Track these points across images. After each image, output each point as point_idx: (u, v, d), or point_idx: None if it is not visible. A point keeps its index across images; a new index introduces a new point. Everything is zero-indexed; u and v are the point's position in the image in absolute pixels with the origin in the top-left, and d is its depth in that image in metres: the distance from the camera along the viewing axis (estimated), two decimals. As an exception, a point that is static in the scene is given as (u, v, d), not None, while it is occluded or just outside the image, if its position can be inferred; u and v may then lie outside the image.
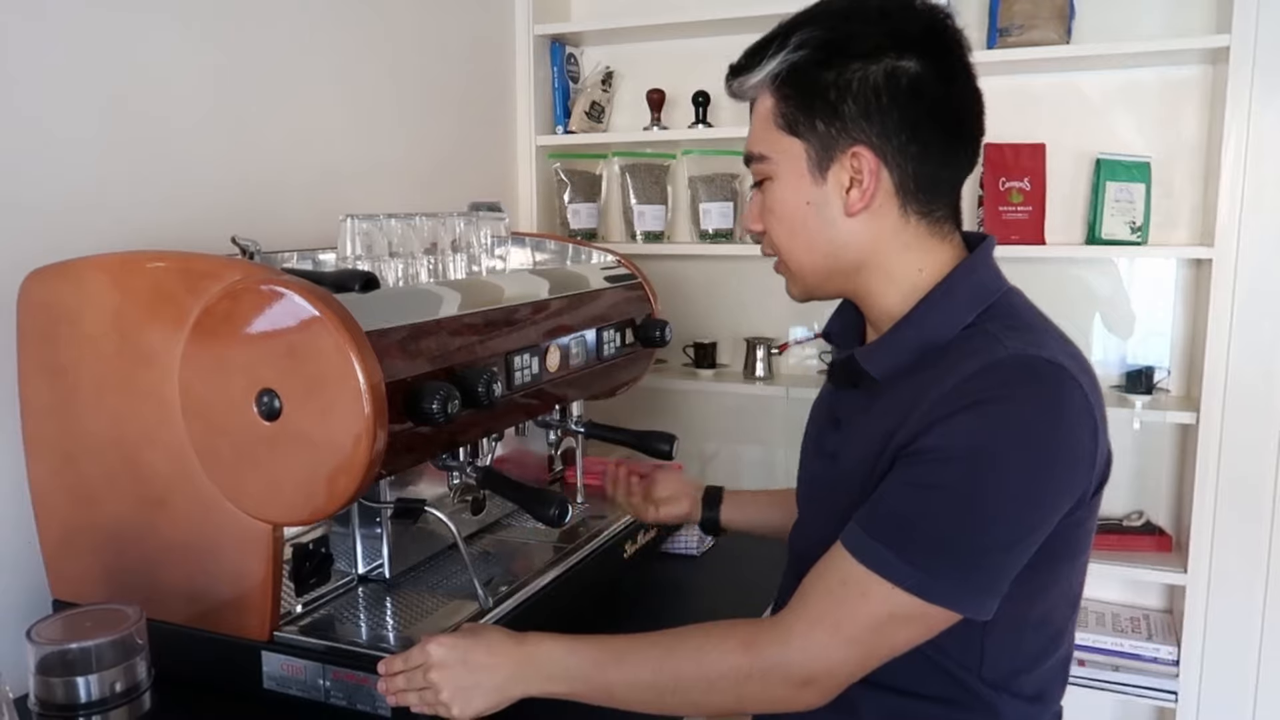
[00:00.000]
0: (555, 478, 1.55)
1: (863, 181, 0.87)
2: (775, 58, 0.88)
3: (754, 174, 0.94)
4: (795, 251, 0.94)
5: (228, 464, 0.98)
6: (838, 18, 0.88)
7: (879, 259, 0.91)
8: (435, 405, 0.95)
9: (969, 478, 0.80)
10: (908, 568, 0.80)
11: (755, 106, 0.93)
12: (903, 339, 0.90)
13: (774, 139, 0.90)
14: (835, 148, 0.87)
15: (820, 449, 1.02)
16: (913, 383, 0.87)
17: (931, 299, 0.90)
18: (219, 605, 1.04)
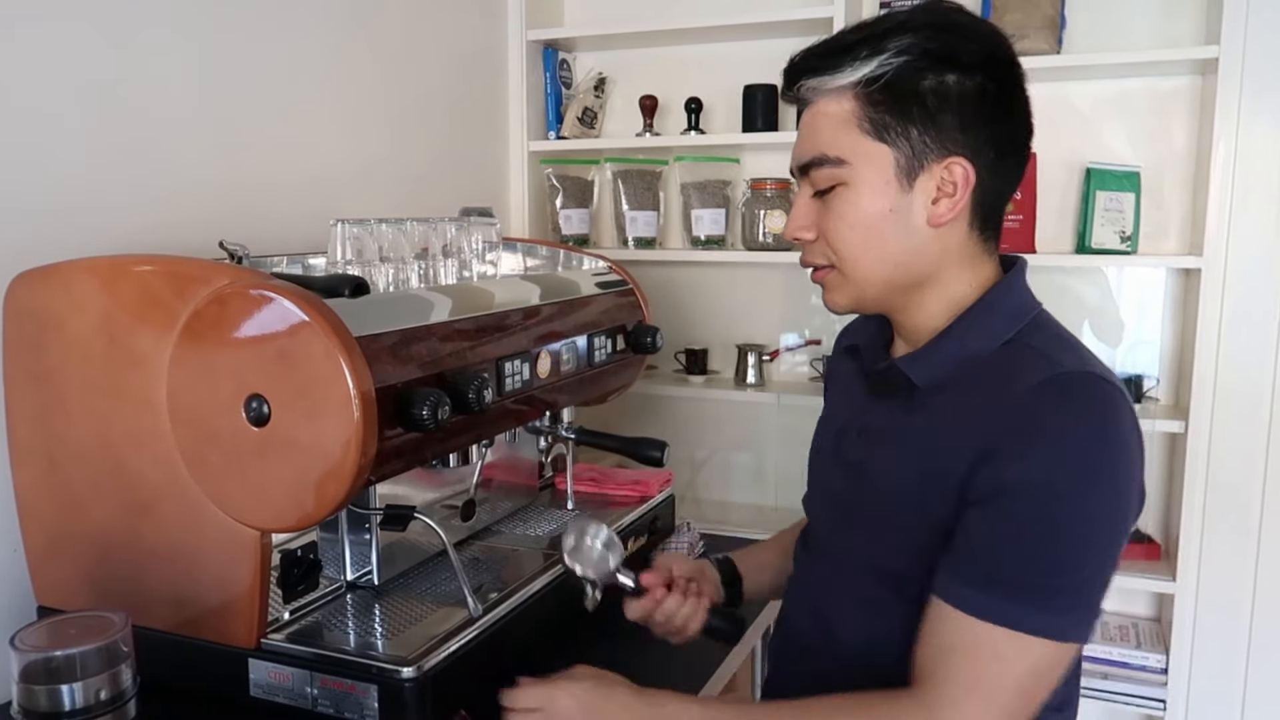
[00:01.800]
0: (545, 484, 1.55)
1: (954, 193, 0.87)
2: (870, 61, 0.85)
3: (815, 180, 0.91)
4: (864, 261, 0.91)
5: (215, 470, 0.97)
6: (936, 29, 0.86)
7: (942, 273, 0.91)
8: (425, 411, 0.94)
9: (1067, 508, 0.80)
10: (1039, 615, 0.80)
11: (817, 108, 0.90)
12: (945, 351, 0.91)
13: (855, 143, 0.87)
14: (928, 157, 0.87)
15: (841, 458, 1.01)
16: (962, 397, 0.88)
17: (974, 313, 0.91)
18: (206, 612, 1.03)
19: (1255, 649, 1.90)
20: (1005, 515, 0.81)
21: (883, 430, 0.95)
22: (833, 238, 0.91)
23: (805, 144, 0.91)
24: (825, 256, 0.93)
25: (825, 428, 1.10)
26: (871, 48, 0.86)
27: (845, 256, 0.91)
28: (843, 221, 0.90)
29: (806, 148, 0.91)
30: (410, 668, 0.97)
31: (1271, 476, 1.85)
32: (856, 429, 0.99)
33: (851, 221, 0.89)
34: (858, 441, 0.98)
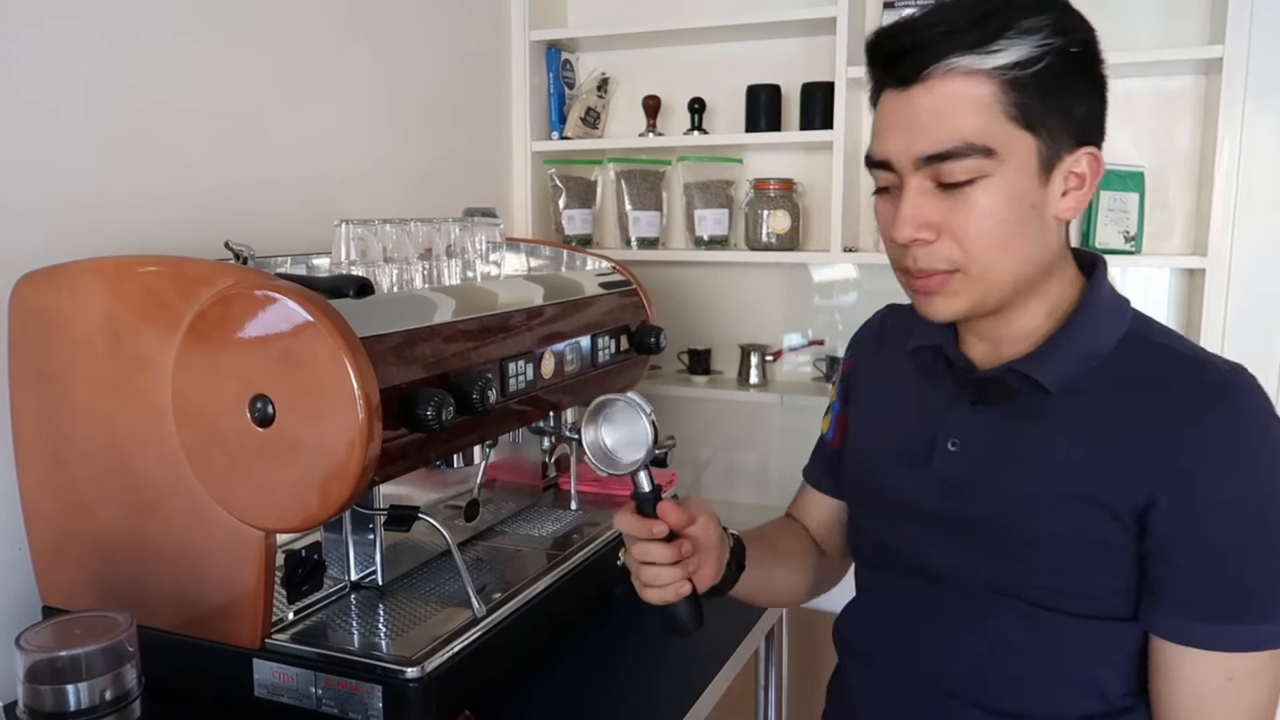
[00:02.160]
0: (549, 484, 1.55)
1: (1081, 186, 0.83)
2: (1019, 41, 0.78)
3: (948, 172, 0.80)
4: (1003, 262, 0.82)
5: (220, 470, 0.97)
6: (1060, 10, 0.80)
7: (1050, 271, 0.87)
8: (430, 412, 0.94)
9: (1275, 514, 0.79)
10: (1273, 625, 0.79)
11: (945, 90, 0.79)
12: (1068, 351, 0.86)
13: (1003, 132, 0.79)
14: (1063, 147, 0.81)
15: (932, 471, 0.92)
16: (1104, 401, 0.84)
17: (1088, 309, 0.87)
18: (210, 612, 1.03)
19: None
20: (1226, 540, 0.79)
21: (1001, 443, 0.88)
22: (969, 236, 0.81)
23: (934, 131, 0.80)
24: (948, 260, 0.82)
25: (883, 436, 0.99)
26: (1014, 25, 0.78)
27: (980, 258, 0.82)
28: (987, 219, 0.80)
29: (938, 135, 0.80)
30: (414, 668, 0.98)
31: (1276, 477, 1.85)
32: (949, 441, 0.91)
33: (1000, 217, 0.80)
34: (958, 455, 0.90)
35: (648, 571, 0.89)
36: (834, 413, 1.11)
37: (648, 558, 0.88)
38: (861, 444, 1.04)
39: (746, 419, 2.29)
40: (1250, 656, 0.79)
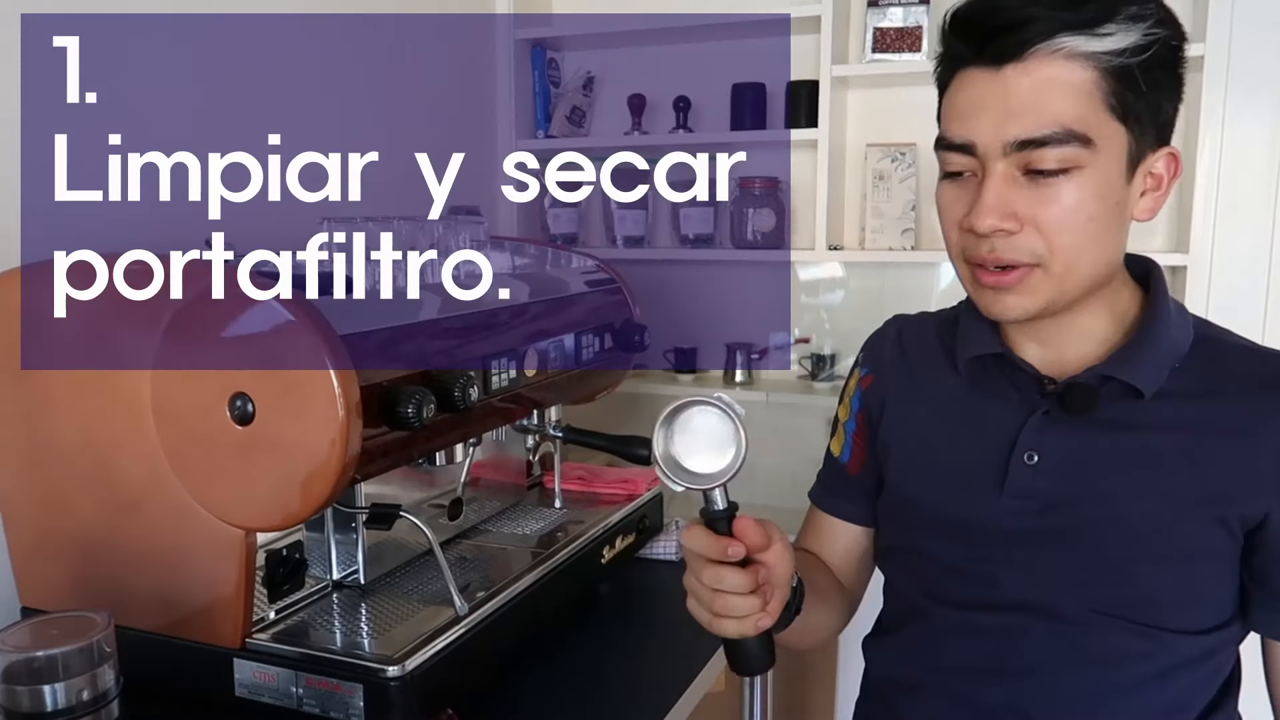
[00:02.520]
0: (534, 483, 1.55)
1: (1159, 187, 0.80)
2: (1130, 27, 0.73)
3: (1041, 159, 0.75)
4: (1086, 258, 0.78)
5: (200, 469, 0.97)
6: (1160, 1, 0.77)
7: (1116, 273, 0.84)
8: (411, 409, 0.94)
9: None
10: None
11: (1045, 73, 0.74)
12: (1156, 351, 0.83)
13: (1101, 121, 0.74)
14: (1148, 145, 0.78)
15: (1010, 488, 0.86)
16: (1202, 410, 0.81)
17: (1162, 311, 0.84)
18: (190, 612, 1.02)
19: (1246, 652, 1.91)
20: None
21: (1092, 453, 0.83)
22: (1057, 229, 0.76)
23: (1030, 115, 0.74)
24: (1032, 253, 0.77)
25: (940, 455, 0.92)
26: (1122, 10, 0.74)
27: (1064, 254, 0.77)
28: (1078, 211, 0.76)
29: (1034, 120, 0.74)
30: (395, 666, 0.97)
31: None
32: (1026, 454, 0.85)
33: (1090, 212, 0.76)
34: (1040, 469, 0.84)
35: (721, 601, 0.77)
36: (849, 432, 1.03)
37: (722, 585, 0.77)
38: (909, 466, 0.95)
39: (732, 417, 2.29)
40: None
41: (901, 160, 2.00)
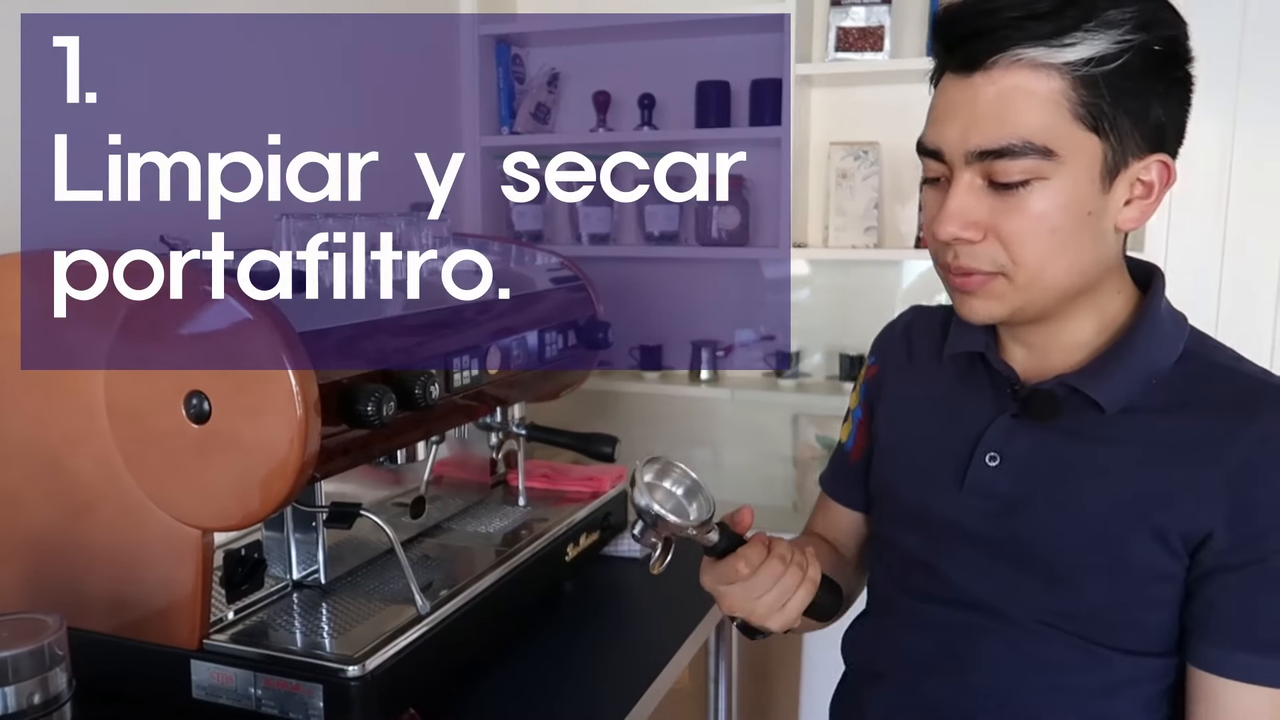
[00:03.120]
0: (497, 481, 1.54)
1: (1148, 195, 0.78)
2: (1097, 35, 0.72)
3: (1002, 170, 0.74)
4: (1051, 270, 0.77)
5: (156, 468, 0.96)
6: (1150, 1, 0.74)
7: (1104, 281, 0.81)
8: (370, 407, 0.93)
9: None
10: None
11: (1011, 83, 0.73)
12: (1129, 367, 0.81)
13: (1067, 133, 0.73)
14: (1132, 153, 0.76)
15: (976, 488, 0.86)
16: (1166, 426, 0.79)
17: (1148, 324, 0.82)
18: (147, 613, 1.01)
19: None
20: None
21: (1050, 460, 0.83)
22: (1018, 241, 0.76)
23: (992, 125, 0.74)
24: (993, 261, 0.77)
25: (917, 446, 0.93)
26: (1095, 17, 0.72)
27: (1029, 263, 0.76)
28: (1041, 223, 0.75)
29: (995, 130, 0.74)
30: (356, 666, 0.96)
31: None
32: (988, 455, 0.86)
33: (1054, 224, 0.75)
34: (999, 471, 0.85)
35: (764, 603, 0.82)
36: (854, 420, 1.05)
37: (755, 594, 0.82)
38: (891, 456, 0.97)
39: (698, 414, 2.30)
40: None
41: (864, 159, 2.01)
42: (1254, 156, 1.83)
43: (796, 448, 2.22)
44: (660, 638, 1.28)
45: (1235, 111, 1.82)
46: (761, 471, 2.27)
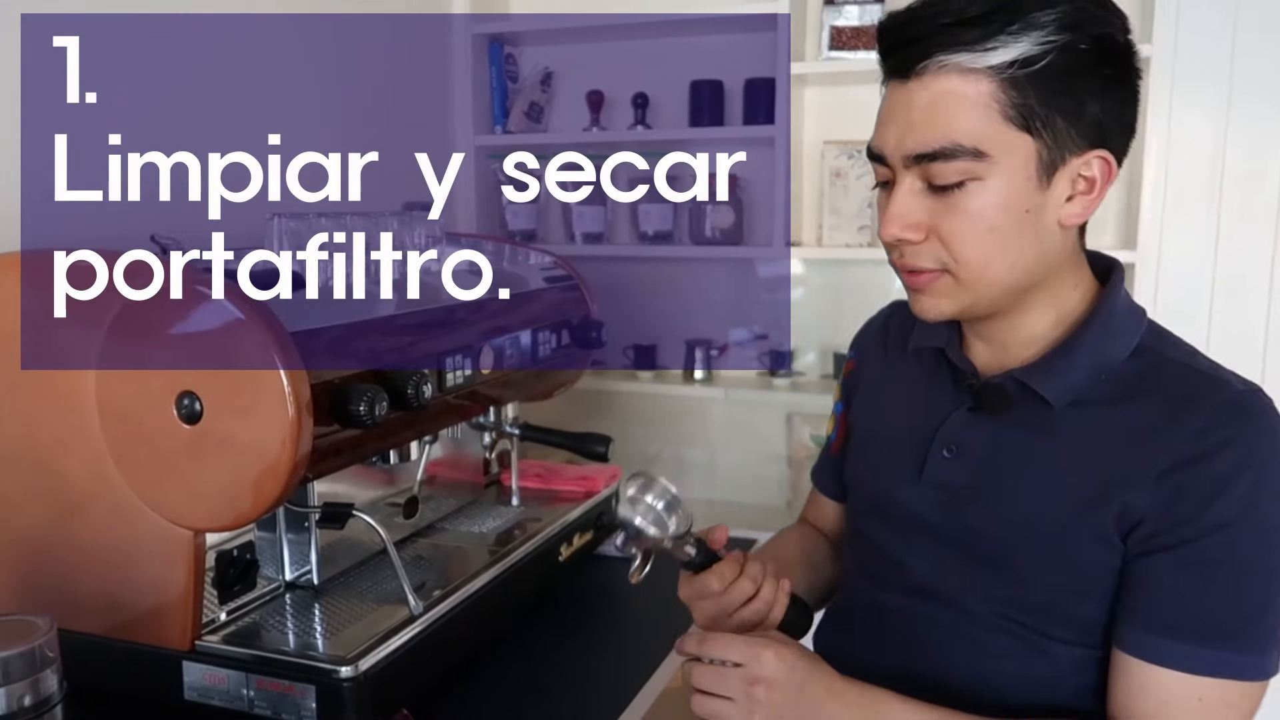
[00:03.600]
0: (491, 480, 1.54)
1: (1090, 190, 0.79)
2: (1022, 38, 0.73)
3: (938, 173, 0.77)
4: (993, 266, 0.79)
5: (147, 469, 0.95)
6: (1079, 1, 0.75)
7: (1055, 276, 0.82)
8: (362, 407, 0.93)
9: (1271, 544, 0.76)
10: (1254, 658, 0.76)
11: (942, 87, 0.75)
12: (1076, 363, 0.82)
13: (998, 134, 0.75)
14: (1070, 150, 0.76)
15: (932, 479, 0.89)
16: (1110, 417, 0.80)
17: (1100, 319, 0.83)
18: (138, 615, 1.00)
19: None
20: (1210, 561, 0.76)
21: (1000, 452, 0.85)
22: (958, 240, 0.78)
23: (925, 129, 0.76)
24: (937, 260, 0.80)
25: (887, 440, 0.96)
26: (1021, 19, 0.73)
27: (970, 261, 0.78)
28: (978, 222, 0.77)
29: (928, 134, 0.76)
30: (348, 667, 0.96)
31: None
32: (945, 447, 0.88)
33: (990, 223, 0.77)
34: (953, 463, 0.87)
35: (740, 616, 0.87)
36: (836, 414, 1.08)
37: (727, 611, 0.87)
38: (862, 447, 1.00)
39: (692, 414, 2.30)
40: (1222, 684, 0.76)
41: (858, 158, 2.01)
42: (1246, 154, 1.83)
43: (790, 447, 2.22)
44: (654, 637, 1.28)
45: (1228, 109, 1.83)
46: (755, 471, 2.27)
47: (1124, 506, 0.78)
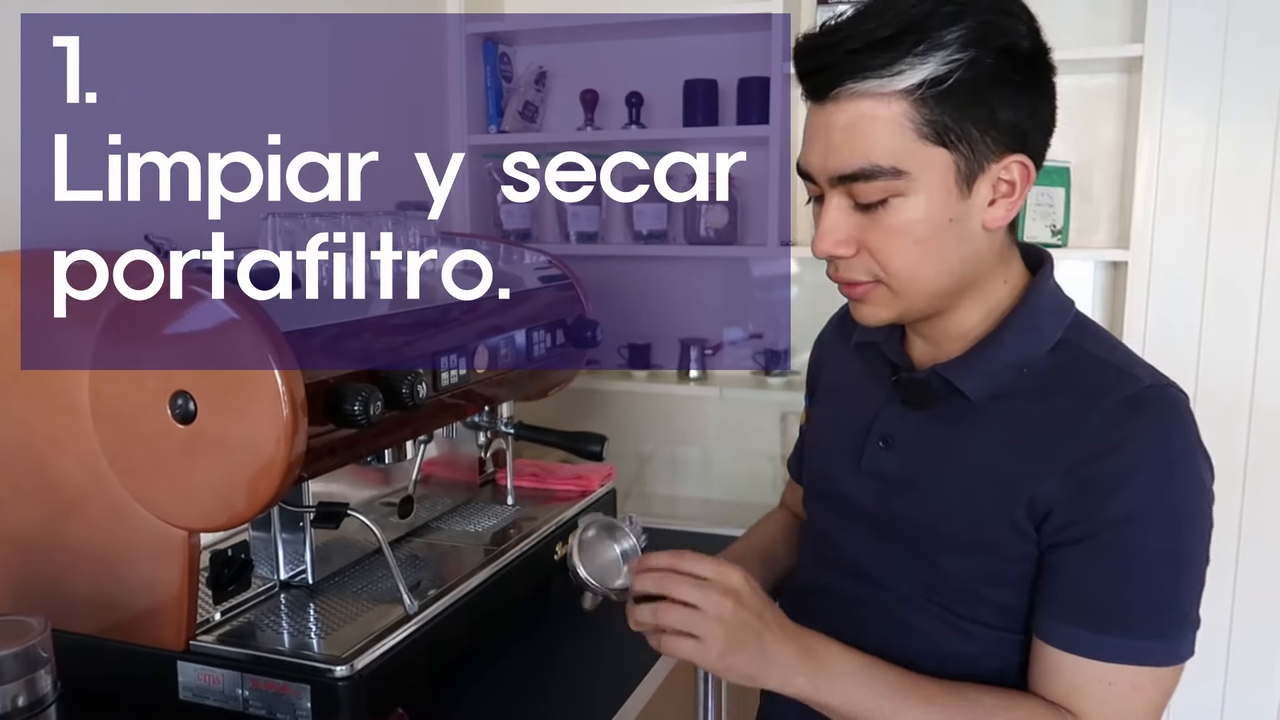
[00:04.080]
0: (486, 480, 1.54)
1: (1011, 193, 0.80)
2: (928, 59, 0.75)
3: (861, 193, 0.79)
4: (923, 275, 0.81)
5: (141, 469, 0.95)
6: (987, 8, 0.77)
7: (986, 274, 0.85)
8: (357, 407, 0.93)
9: (1173, 534, 0.79)
10: (1160, 644, 0.79)
11: (857, 110, 0.77)
12: (996, 358, 0.85)
13: (913, 151, 0.77)
14: (987, 158, 0.78)
15: (868, 469, 0.92)
16: (1025, 411, 0.83)
17: (1022, 315, 0.85)
18: (133, 615, 1.00)
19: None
20: (1115, 552, 0.78)
21: (926, 444, 0.88)
22: (885, 254, 0.81)
23: (844, 151, 0.78)
24: (868, 272, 0.83)
25: (833, 430, 1.00)
26: (926, 39, 0.75)
27: (898, 272, 0.81)
28: (903, 237, 0.79)
29: (847, 156, 0.78)
30: (343, 666, 0.96)
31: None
32: (880, 438, 0.91)
33: (915, 236, 0.79)
34: (886, 453, 0.91)
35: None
36: (807, 404, 1.12)
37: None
38: (814, 437, 1.04)
39: (687, 413, 2.30)
40: (1131, 669, 0.78)
41: (852, 157, 2.01)
42: (1238, 153, 1.84)
43: (785, 446, 2.22)
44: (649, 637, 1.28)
45: (1219, 109, 1.83)
46: (749, 469, 2.27)
47: (1034, 498, 0.80)
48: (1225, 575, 1.94)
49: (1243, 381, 1.88)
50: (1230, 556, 1.93)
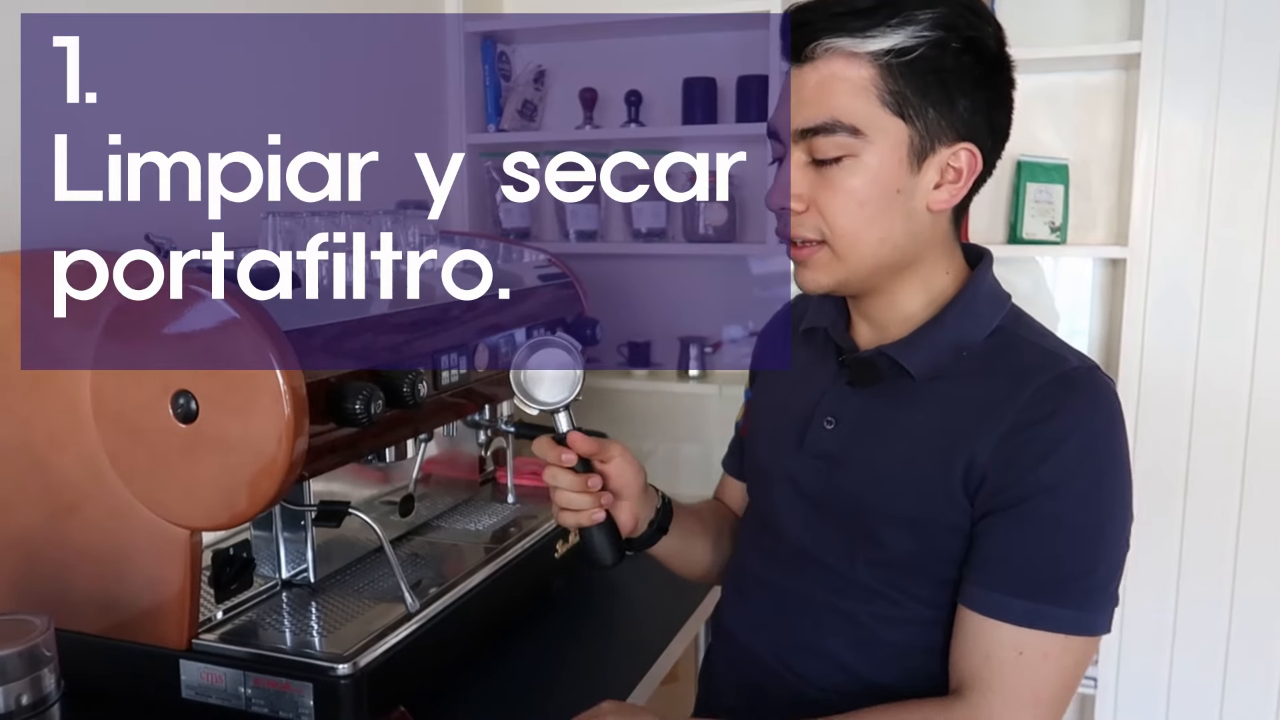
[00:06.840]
0: (486, 478, 1.54)
1: (957, 180, 0.85)
2: (901, 30, 0.80)
3: (820, 147, 0.83)
4: (864, 239, 0.85)
5: (143, 468, 0.95)
6: (962, 6, 0.82)
7: (926, 259, 0.89)
8: (358, 406, 0.94)
9: (1097, 507, 0.82)
10: (1073, 613, 0.81)
11: (829, 69, 0.83)
12: (939, 340, 0.89)
13: (874, 115, 0.82)
14: (940, 140, 0.83)
15: (811, 449, 0.94)
16: (963, 389, 0.87)
17: (964, 301, 0.90)
18: (135, 614, 1.01)
19: (1180, 624, 1.97)
20: (1038, 519, 0.81)
21: (869, 422, 0.91)
22: (833, 212, 0.85)
23: (812, 107, 0.84)
24: (817, 230, 0.86)
25: (775, 415, 1.02)
26: (901, 14, 0.81)
27: (844, 233, 0.85)
28: (851, 196, 0.84)
29: (813, 111, 0.83)
30: (346, 664, 0.97)
31: (1194, 458, 1.92)
32: (826, 419, 0.94)
33: (862, 197, 0.84)
34: (832, 433, 0.93)
35: (559, 495, 0.94)
36: (746, 399, 1.14)
37: (556, 483, 0.93)
38: (757, 424, 1.07)
39: (686, 411, 2.30)
40: (1041, 636, 0.81)
41: (850, 155, 2.02)
42: (1236, 152, 1.84)
43: (785, 443, 2.23)
44: (650, 633, 1.28)
45: (1217, 107, 1.83)
46: (750, 467, 2.27)
47: (968, 467, 0.84)
48: (1224, 574, 1.94)
49: (1241, 376, 1.89)
50: (1229, 553, 1.93)
